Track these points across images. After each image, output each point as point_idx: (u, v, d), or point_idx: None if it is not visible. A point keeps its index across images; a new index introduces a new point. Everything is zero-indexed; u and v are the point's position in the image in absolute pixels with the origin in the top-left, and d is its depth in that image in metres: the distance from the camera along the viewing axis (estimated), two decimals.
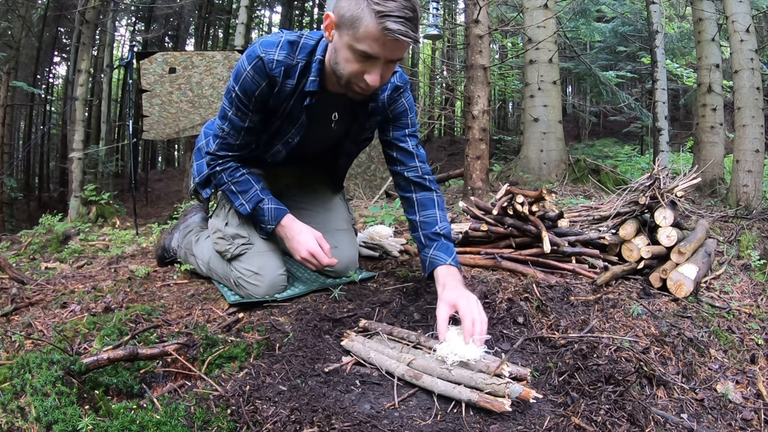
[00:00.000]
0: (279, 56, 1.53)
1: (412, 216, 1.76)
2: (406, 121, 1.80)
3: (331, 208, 2.06)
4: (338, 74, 1.47)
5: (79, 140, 8.32)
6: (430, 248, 1.67)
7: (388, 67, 1.44)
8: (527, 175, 5.49)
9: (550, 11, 5.67)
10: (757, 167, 4.28)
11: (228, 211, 1.86)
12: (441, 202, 1.79)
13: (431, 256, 1.65)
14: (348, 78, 1.45)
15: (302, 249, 1.68)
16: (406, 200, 1.80)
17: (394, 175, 1.84)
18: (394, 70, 1.66)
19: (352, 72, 1.42)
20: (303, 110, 1.63)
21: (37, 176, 18.26)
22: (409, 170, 1.78)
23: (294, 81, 1.57)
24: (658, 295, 1.84)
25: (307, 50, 1.56)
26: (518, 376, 1.21)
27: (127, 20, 17.95)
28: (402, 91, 1.75)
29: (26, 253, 3.10)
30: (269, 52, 1.52)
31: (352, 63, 1.41)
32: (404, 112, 1.78)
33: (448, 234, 1.71)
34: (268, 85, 1.56)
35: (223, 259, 1.83)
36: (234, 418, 1.08)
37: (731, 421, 1.23)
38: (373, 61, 1.39)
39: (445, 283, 1.53)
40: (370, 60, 1.39)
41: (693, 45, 7.86)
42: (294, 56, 1.55)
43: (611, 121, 13.69)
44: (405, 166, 1.79)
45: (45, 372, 1.11)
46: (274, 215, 1.74)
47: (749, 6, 4.56)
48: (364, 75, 1.42)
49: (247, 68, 1.53)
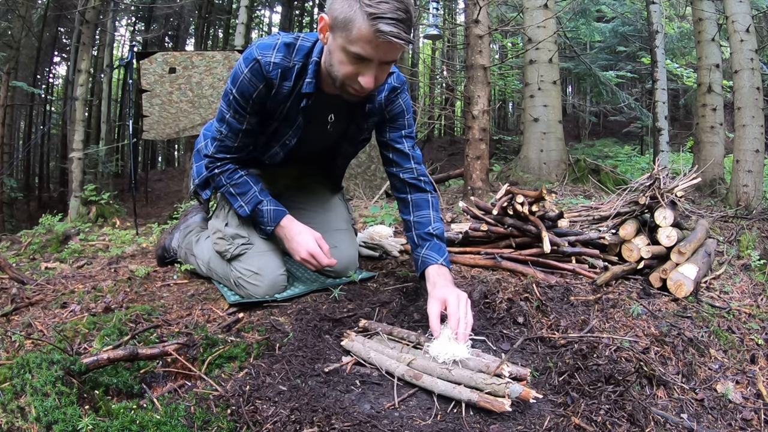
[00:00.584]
0: (276, 59, 1.53)
1: (407, 216, 1.78)
2: (402, 122, 1.80)
3: (330, 208, 2.06)
4: (333, 76, 1.48)
5: (79, 140, 8.32)
6: (423, 248, 1.68)
7: (382, 69, 1.44)
8: (527, 175, 5.49)
9: (550, 11, 5.67)
10: (757, 167, 4.28)
11: (228, 211, 1.86)
12: (435, 203, 1.80)
13: (423, 255, 1.67)
14: (342, 80, 1.45)
15: (302, 250, 1.69)
16: (402, 201, 1.82)
17: (390, 176, 1.85)
18: (391, 71, 1.67)
19: (346, 74, 1.43)
20: (300, 112, 1.63)
21: (37, 176, 18.26)
22: (405, 172, 1.79)
23: (291, 83, 1.58)
24: (658, 295, 1.84)
25: (304, 52, 1.57)
26: (518, 376, 1.21)
27: (127, 20, 17.95)
28: (399, 91, 1.75)
29: (26, 253, 3.10)
30: (266, 55, 1.52)
31: (346, 65, 1.41)
32: (401, 113, 1.79)
33: (441, 234, 1.72)
34: (265, 87, 1.56)
35: (223, 259, 1.83)
36: (234, 418, 1.08)
37: (731, 421, 1.23)
38: (367, 63, 1.39)
39: (436, 282, 1.56)
40: (363, 62, 1.39)
41: (693, 45, 7.86)
42: (291, 58, 1.55)
43: (611, 121, 13.69)
44: (401, 167, 1.80)
45: (45, 372, 1.11)
46: (273, 216, 1.74)
47: (749, 6, 4.56)
48: (358, 77, 1.42)
49: (244, 71, 1.54)
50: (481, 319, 1.63)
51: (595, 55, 10.84)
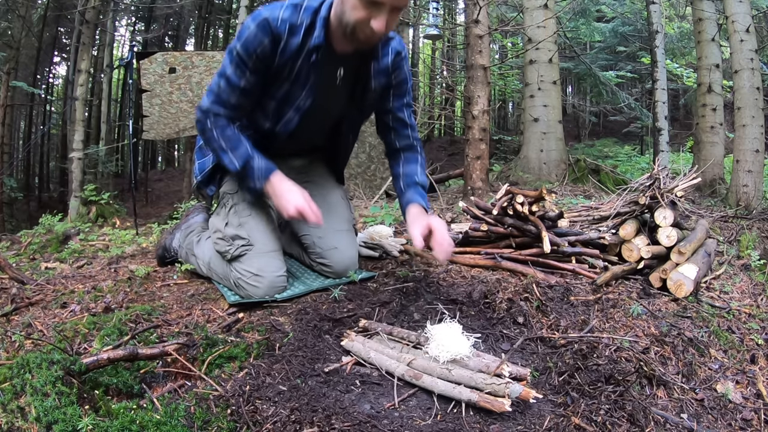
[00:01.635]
0: (284, 15, 1.58)
1: (397, 170, 1.94)
2: (406, 88, 1.90)
3: (334, 208, 2.06)
4: (344, 23, 1.53)
5: (79, 140, 8.32)
6: (408, 193, 1.86)
7: (392, 16, 1.51)
8: (527, 175, 5.49)
9: (550, 11, 5.67)
10: (757, 167, 4.28)
11: (228, 210, 1.86)
12: (423, 162, 1.97)
13: (408, 197, 1.85)
14: (354, 25, 1.51)
15: (290, 206, 1.67)
16: (394, 158, 1.97)
17: (387, 141, 1.97)
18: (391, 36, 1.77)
19: (358, 19, 1.48)
20: (311, 68, 1.65)
21: (37, 176, 18.26)
22: (403, 138, 1.94)
23: (299, 39, 1.61)
24: (658, 295, 1.84)
25: (311, 10, 1.62)
26: (518, 376, 1.21)
27: (127, 20, 17.94)
28: (403, 57, 1.83)
29: (26, 253, 3.10)
30: (274, 11, 1.58)
31: (359, 10, 1.47)
32: (405, 80, 1.87)
33: (425, 185, 1.90)
34: (271, 42, 1.58)
35: (223, 259, 1.83)
36: (234, 418, 1.08)
37: (731, 421, 1.23)
38: (379, 8, 1.47)
39: (418, 215, 1.78)
40: (375, 6, 1.46)
41: (693, 45, 7.86)
42: (299, 16, 1.60)
43: (611, 121, 13.68)
44: (399, 135, 1.94)
45: (45, 372, 1.11)
46: (264, 172, 1.71)
47: (749, 6, 4.55)
48: (370, 21, 1.48)
49: (251, 27, 1.57)
50: (481, 319, 1.63)
51: (595, 55, 10.84)
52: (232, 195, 1.88)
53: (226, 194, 1.89)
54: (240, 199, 1.86)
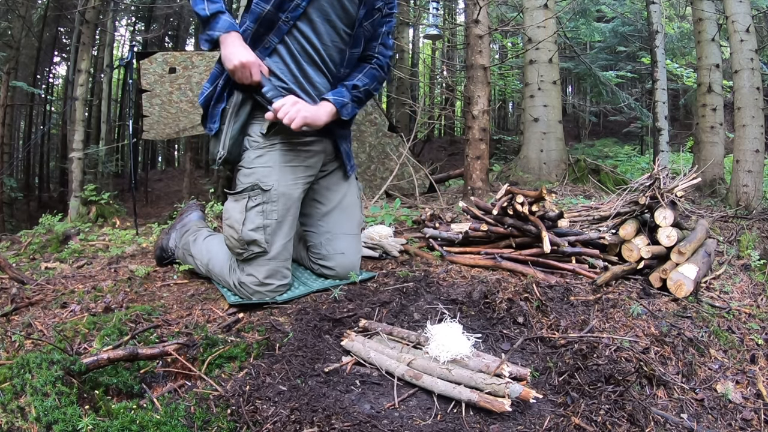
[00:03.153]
0: None
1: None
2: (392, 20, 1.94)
3: (348, 210, 2.01)
4: None
5: (79, 140, 8.31)
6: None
7: None
8: (527, 175, 5.49)
9: (550, 11, 5.66)
10: (757, 167, 4.28)
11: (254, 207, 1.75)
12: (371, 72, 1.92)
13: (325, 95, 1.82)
14: None
15: (235, 59, 1.65)
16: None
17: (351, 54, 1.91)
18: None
19: None
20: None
21: (37, 176, 18.25)
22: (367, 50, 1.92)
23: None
24: (658, 295, 1.84)
25: None
26: (518, 376, 1.21)
27: (127, 20, 17.93)
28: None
29: (26, 253, 3.10)
30: None
31: None
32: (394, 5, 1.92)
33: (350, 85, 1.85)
34: None
35: (232, 254, 1.81)
36: (234, 418, 1.08)
37: (731, 421, 1.23)
38: None
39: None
40: None
41: (693, 45, 7.86)
42: None
43: (611, 121, 13.68)
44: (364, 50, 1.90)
45: (45, 372, 1.11)
46: (228, 26, 1.68)
47: (749, 6, 4.55)
48: None
49: None
50: (481, 319, 1.63)
51: (595, 55, 10.83)
52: (263, 192, 1.75)
53: (257, 187, 1.76)
54: (269, 197, 1.75)
